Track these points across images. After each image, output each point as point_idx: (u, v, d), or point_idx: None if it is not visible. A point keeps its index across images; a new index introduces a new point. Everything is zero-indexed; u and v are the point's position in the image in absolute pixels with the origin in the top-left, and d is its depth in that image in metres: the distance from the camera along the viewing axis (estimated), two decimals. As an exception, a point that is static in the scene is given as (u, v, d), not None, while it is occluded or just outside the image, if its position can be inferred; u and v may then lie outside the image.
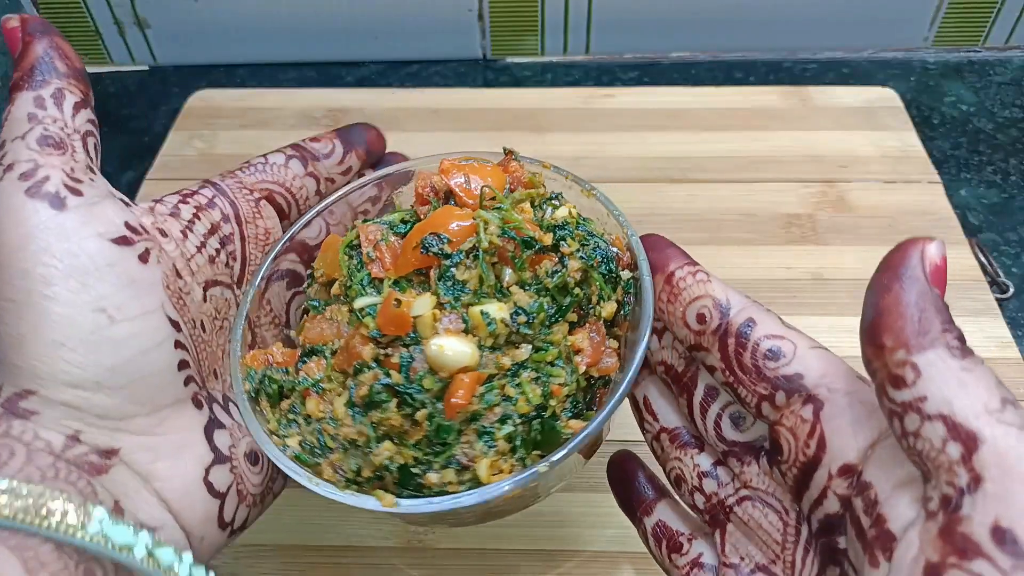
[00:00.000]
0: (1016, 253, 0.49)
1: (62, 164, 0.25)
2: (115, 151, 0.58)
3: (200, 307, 0.28)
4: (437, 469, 0.25)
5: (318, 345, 0.28)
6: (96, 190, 0.26)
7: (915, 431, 0.20)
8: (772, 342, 0.25)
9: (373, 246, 0.28)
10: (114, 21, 0.61)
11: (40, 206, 0.24)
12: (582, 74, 0.63)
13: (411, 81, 0.62)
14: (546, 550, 0.36)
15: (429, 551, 0.36)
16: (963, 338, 0.21)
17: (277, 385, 0.28)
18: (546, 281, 0.27)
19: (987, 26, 0.61)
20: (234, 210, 0.31)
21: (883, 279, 0.22)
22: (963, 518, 0.19)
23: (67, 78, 0.26)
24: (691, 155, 0.53)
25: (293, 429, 0.27)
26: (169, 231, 0.28)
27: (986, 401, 0.19)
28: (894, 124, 0.55)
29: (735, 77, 0.62)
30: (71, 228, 0.24)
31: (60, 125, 0.26)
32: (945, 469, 0.20)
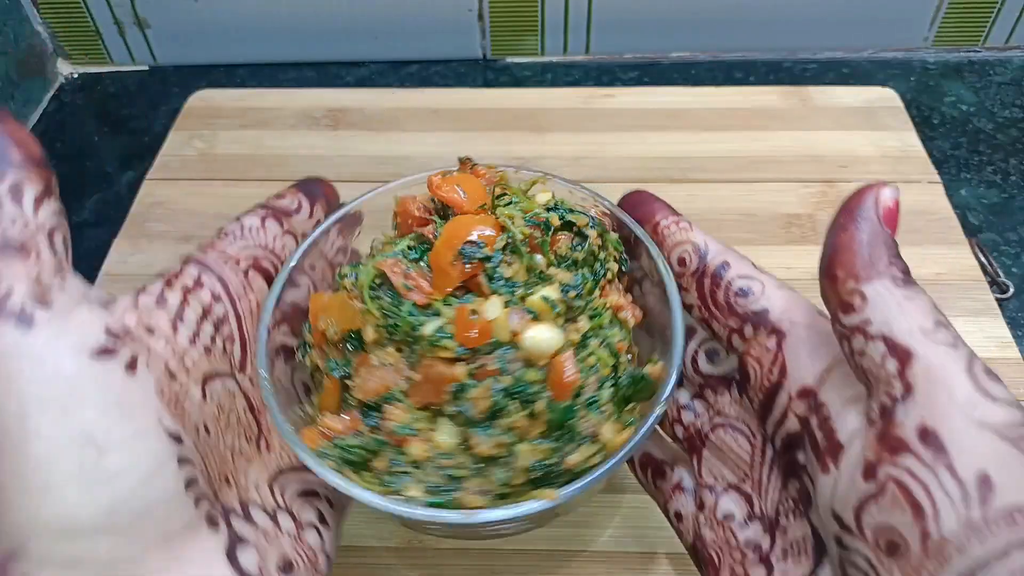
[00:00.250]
0: (1016, 253, 0.49)
1: (26, 272, 0.22)
2: (115, 151, 0.58)
3: (201, 408, 0.25)
4: (573, 450, 0.26)
5: (385, 395, 0.26)
6: (68, 295, 0.22)
7: (860, 350, 0.23)
8: (743, 281, 0.28)
9: (404, 276, 0.27)
10: (114, 21, 0.61)
11: (5, 328, 0.21)
12: (582, 74, 0.63)
13: (411, 81, 0.62)
14: (546, 550, 0.36)
15: (429, 551, 0.36)
16: (907, 271, 0.24)
17: (361, 450, 0.26)
18: (575, 255, 0.28)
19: (987, 26, 0.61)
20: (224, 287, 0.28)
21: (840, 219, 0.24)
22: (896, 423, 0.22)
23: (24, 168, 0.23)
24: (691, 155, 0.53)
25: (407, 481, 0.26)
26: (157, 326, 0.25)
27: (921, 323, 0.22)
28: (894, 124, 0.55)
29: (735, 77, 0.62)
30: (43, 348, 0.21)
31: (21, 224, 0.22)
32: (884, 382, 0.23)
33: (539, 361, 0.26)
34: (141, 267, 0.48)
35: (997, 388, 0.22)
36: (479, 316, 0.25)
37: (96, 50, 0.63)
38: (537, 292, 0.26)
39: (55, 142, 0.58)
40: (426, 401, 0.26)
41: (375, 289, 0.27)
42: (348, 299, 0.28)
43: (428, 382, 0.26)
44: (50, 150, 0.58)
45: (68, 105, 0.62)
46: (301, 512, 0.27)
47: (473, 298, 0.26)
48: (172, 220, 0.51)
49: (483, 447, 0.25)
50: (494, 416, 0.25)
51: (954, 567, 0.20)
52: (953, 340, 0.22)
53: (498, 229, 0.27)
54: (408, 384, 0.26)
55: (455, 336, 0.25)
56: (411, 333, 0.26)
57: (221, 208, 0.51)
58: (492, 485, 0.26)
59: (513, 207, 0.28)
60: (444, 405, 0.26)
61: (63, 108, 0.62)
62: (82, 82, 0.64)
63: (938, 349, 0.22)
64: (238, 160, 0.55)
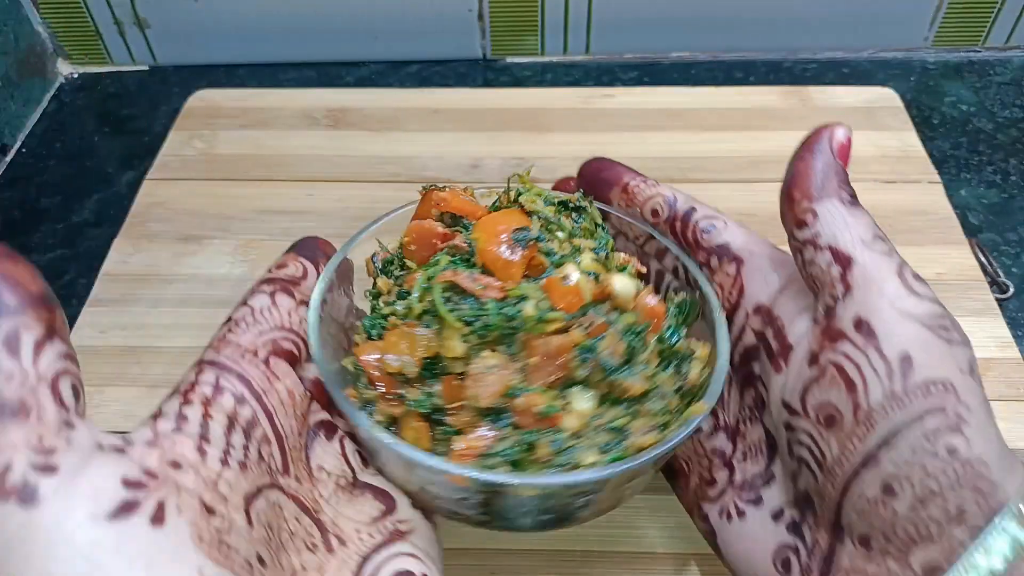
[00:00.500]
0: (1016, 253, 0.49)
1: (26, 438, 0.19)
2: (115, 151, 0.58)
3: (249, 538, 0.22)
4: (688, 370, 0.30)
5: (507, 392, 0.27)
6: (76, 453, 0.20)
7: (811, 260, 0.27)
8: (707, 221, 0.32)
9: (473, 280, 0.27)
10: (114, 21, 0.61)
11: (8, 510, 0.18)
12: (582, 74, 0.63)
13: (411, 81, 0.62)
14: (546, 550, 0.36)
15: (429, 551, 0.36)
16: (854, 195, 0.28)
17: (518, 449, 0.26)
18: (582, 225, 0.31)
19: (987, 26, 0.61)
20: (247, 386, 0.25)
21: (800, 151, 0.29)
22: (836, 317, 0.26)
23: (20, 313, 0.20)
24: (691, 155, 0.53)
25: (577, 452, 0.27)
26: (183, 456, 0.22)
27: (862, 235, 0.26)
28: (894, 124, 0.55)
29: (735, 77, 0.62)
30: (52, 525, 0.19)
31: (19, 381, 0.20)
32: (828, 286, 0.27)
33: (629, 304, 0.29)
34: (141, 267, 0.48)
35: (922, 287, 0.26)
36: (570, 281, 0.28)
37: (96, 50, 0.63)
38: (585, 256, 0.29)
39: (55, 142, 0.58)
40: (551, 378, 0.27)
41: (445, 303, 0.27)
42: (408, 330, 0.27)
43: (549, 358, 0.27)
44: (50, 150, 0.58)
45: (68, 105, 0.62)
46: None
47: (536, 280, 0.28)
48: (172, 220, 0.51)
49: (636, 386, 0.28)
50: (629, 359, 0.28)
51: (879, 431, 0.24)
52: (888, 250, 0.26)
53: (525, 216, 0.30)
54: (523, 374, 0.27)
55: (557, 306, 0.27)
56: (509, 325, 0.27)
57: (221, 208, 0.51)
58: (652, 419, 0.28)
59: (529, 194, 0.31)
60: (573, 373, 0.27)
61: (63, 108, 0.62)
62: (82, 82, 0.64)
63: (874, 255, 0.26)
64: (238, 160, 0.55)
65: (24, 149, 0.58)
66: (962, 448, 0.24)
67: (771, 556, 0.28)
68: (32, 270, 0.21)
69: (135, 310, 0.46)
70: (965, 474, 0.24)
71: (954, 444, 0.24)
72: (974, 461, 0.24)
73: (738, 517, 0.30)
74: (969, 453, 0.24)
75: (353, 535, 0.26)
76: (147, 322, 0.45)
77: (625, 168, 0.35)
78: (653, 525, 0.37)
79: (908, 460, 0.24)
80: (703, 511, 0.31)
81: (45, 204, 0.54)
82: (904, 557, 0.25)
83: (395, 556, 0.26)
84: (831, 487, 0.26)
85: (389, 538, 0.27)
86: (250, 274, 0.48)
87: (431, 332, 0.27)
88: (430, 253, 0.29)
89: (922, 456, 0.24)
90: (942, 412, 0.24)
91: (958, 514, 0.24)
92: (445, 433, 0.27)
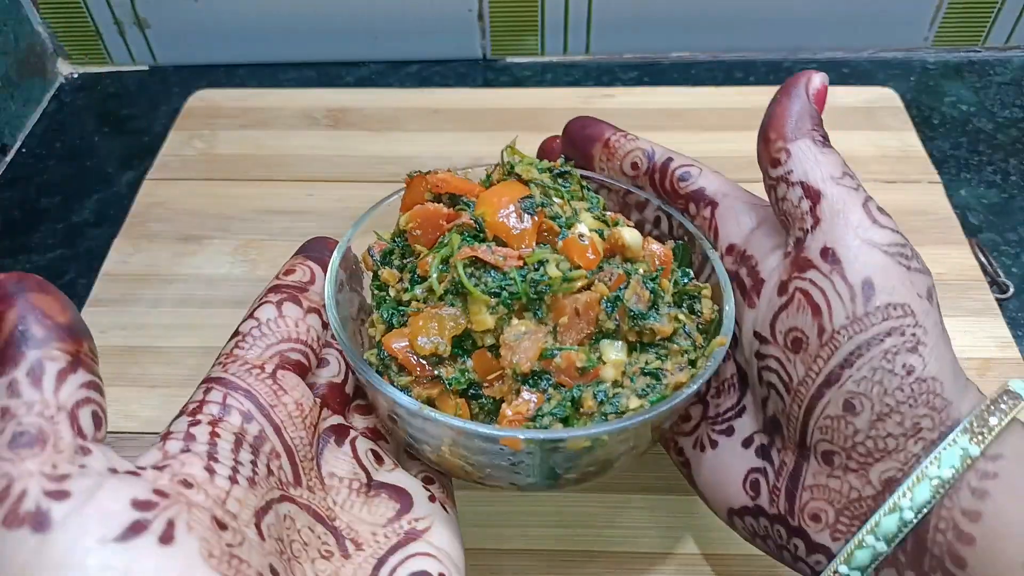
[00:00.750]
0: (1016, 253, 0.49)
1: (40, 466, 0.20)
2: (115, 151, 0.58)
3: (261, 552, 0.23)
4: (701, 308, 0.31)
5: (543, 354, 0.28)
6: (89, 478, 0.21)
7: (783, 196, 0.29)
8: (683, 169, 0.34)
9: (493, 253, 0.28)
10: (114, 21, 0.61)
11: (21, 536, 0.19)
12: (582, 74, 0.63)
13: (411, 81, 0.62)
14: (546, 550, 0.36)
15: (429, 551, 0.36)
16: (826, 136, 0.29)
17: (566, 406, 0.27)
18: (571, 189, 0.33)
19: (987, 26, 0.61)
20: (253, 402, 0.26)
21: (777, 96, 0.30)
22: (805, 247, 0.28)
23: (46, 344, 0.21)
24: (691, 155, 0.53)
25: (623, 399, 0.28)
26: (191, 476, 0.23)
27: (831, 172, 0.28)
28: (894, 124, 0.55)
29: (735, 77, 0.62)
30: (63, 551, 0.19)
31: (39, 410, 0.21)
32: (799, 219, 0.28)
33: (639, 254, 0.30)
34: (141, 267, 0.48)
35: (885, 219, 0.27)
36: (586, 239, 0.29)
37: (96, 50, 0.63)
38: (584, 216, 0.31)
39: (55, 142, 0.59)
40: (581, 335, 0.28)
41: (471, 276, 0.28)
42: (434, 311, 0.28)
43: (579, 315, 0.28)
44: (50, 150, 0.58)
45: (68, 105, 0.62)
46: None
47: (548, 245, 0.29)
48: (172, 220, 0.51)
49: (665, 328, 0.29)
50: (653, 304, 0.29)
51: (841, 351, 0.26)
52: (856, 185, 0.28)
53: (523, 186, 0.31)
54: (554, 335, 0.28)
55: (578, 264, 0.29)
56: (535, 290, 0.28)
57: (221, 208, 0.51)
58: (681, 357, 0.29)
59: (524, 164, 0.32)
60: (603, 326, 0.28)
61: (63, 108, 0.62)
62: (82, 82, 0.64)
63: (842, 189, 0.28)
64: (238, 160, 0.55)
65: (24, 149, 0.58)
66: (918, 367, 0.25)
67: (741, 480, 0.30)
68: (62, 301, 0.22)
69: (135, 310, 0.46)
70: (920, 391, 0.25)
71: (911, 363, 0.25)
72: (928, 380, 0.25)
73: (711, 448, 0.31)
74: (924, 372, 0.25)
75: (369, 538, 0.27)
76: (147, 322, 0.45)
77: (607, 124, 0.36)
78: (653, 525, 0.37)
79: (868, 378, 0.26)
80: (678, 444, 0.33)
81: (45, 204, 0.54)
82: (864, 471, 0.26)
83: (411, 557, 0.26)
84: (797, 407, 0.28)
85: (405, 539, 0.27)
86: (250, 274, 0.48)
87: (457, 310, 0.28)
88: (437, 235, 0.30)
89: (881, 374, 0.26)
90: (900, 333, 0.26)
91: (914, 429, 0.26)
92: (482, 407, 0.28)
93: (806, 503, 0.28)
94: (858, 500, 0.27)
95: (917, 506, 0.25)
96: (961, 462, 0.25)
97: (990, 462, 0.25)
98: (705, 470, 0.32)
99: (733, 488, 0.30)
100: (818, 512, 0.28)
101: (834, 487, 0.27)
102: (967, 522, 0.24)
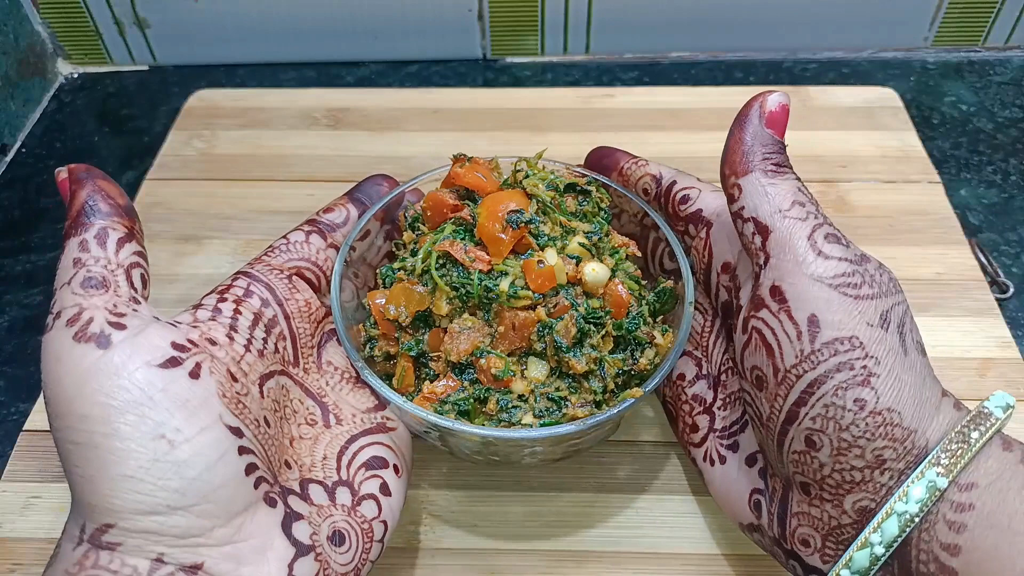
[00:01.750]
0: (1016, 253, 0.49)
1: (104, 303, 0.26)
2: (115, 151, 0.58)
3: (260, 404, 0.28)
4: (640, 355, 0.33)
5: (475, 352, 0.31)
6: (140, 319, 0.26)
7: (740, 231, 0.29)
8: (683, 191, 0.35)
9: (465, 252, 0.31)
10: (114, 21, 0.61)
11: (87, 349, 0.25)
12: (582, 74, 0.63)
13: (411, 81, 0.62)
14: (546, 550, 0.36)
15: (429, 551, 0.36)
16: (780, 163, 0.29)
17: (470, 400, 0.31)
18: (585, 208, 0.35)
19: (987, 26, 0.61)
20: (271, 292, 0.31)
21: (732, 126, 0.30)
22: (759, 285, 0.28)
23: (111, 216, 0.28)
24: (691, 155, 0.53)
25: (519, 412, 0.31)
26: (216, 337, 0.28)
27: (779, 205, 0.28)
28: (894, 124, 0.55)
29: (735, 77, 0.62)
30: (119, 363, 0.25)
31: (103, 264, 0.27)
32: (754, 255, 0.28)
33: (598, 291, 0.32)
34: (141, 267, 0.48)
35: (832, 247, 0.27)
36: (544, 264, 0.31)
37: (96, 50, 0.63)
38: (572, 241, 0.32)
39: (55, 142, 0.59)
40: (513, 347, 0.31)
41: (440, 269, 0.32)
42: (408, 286, 0.32)
43: (515, 330, 0.31)
44: (50, 150, 0.58)
45: (68, 105, 0.62)
46: (363, 485, 0.31)
47: (523, 258, 0.31)
48: (172, 220, 0.51)
49: (579, 366, 0.31)
50: (580, 341, 0.31)
51: (795, 390, 0.26)
52: (805, 214, 0.28)
53: (525, 197, 0.33)
54: (492, 339, 0.31)
55: (529, 286, 0.31)
56: (486, 296, 0.31)
57: (221, 208, 0.51)
58: (589, 395, 0.32)
59: (533, 178, 0.34)
60: (533, 345, 0.31)
61: (63, 108, 0.62)
62: (82, 82, 0.64)
63: (789, 222, 0.28)
64: (238, 160, 0.55)
65: (24, 149, 0.58)
66: (870, 400, 0.25)
67: (746, 499, 0.31)
68: (120, 190, 0.29)
69: (135, 310, 0.46)
70: (876, 424, 0.25)
71: (863, 397, 0.25)
72: (883, 411, 0.25)
73: (720, 462, 0.32)
74: (878, 404, 0.25)
75: (349, 417, 0.32)
76: (147, 322, 0.45)
77: (622, 153, 0.38)
78: (653, 525, 0.37)
79: (822, 415, 0.26)
80: (691, 455, 0.34)
81: (45, 204, 0.54)
82: (839, 501, 0.27)
83: (376, 443, 0.32)
84: (771, 440, 0.28)
85: (376, 428, 0.32)
86: (250, 274, 0.48)
87: (426, 290, 0.32)
88: (441, 220, 0.34)
89: (834, 411, 0.26)
90: (849, 367, 0.26)
91: (877, 462, 0.26)
92: (427, 375, 0.32)
93: (795, 528, 0.28)
94: (839, 528, 0.27)
95: (887, 541, 0.25)
96: (929, 494, 0.25)
97: (964, 492, 0.25)
98: (716, 484, 0.33)
99: (740, 505, 0.31)
100: (806, 537, 0.28)
101: (815, 515, 0.28)
102: (947, 556, 0.24)
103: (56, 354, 0.25)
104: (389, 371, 0.34)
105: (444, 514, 0.37)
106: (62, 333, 0.25)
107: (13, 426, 0.41)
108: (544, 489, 0.38)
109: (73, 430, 0.25)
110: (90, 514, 0.25)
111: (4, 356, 0.45)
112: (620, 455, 0.39)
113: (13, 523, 0.37)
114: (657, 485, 0.38)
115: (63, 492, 0.38)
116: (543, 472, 0.38)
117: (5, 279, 0.49)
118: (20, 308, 0.47)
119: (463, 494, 0.38)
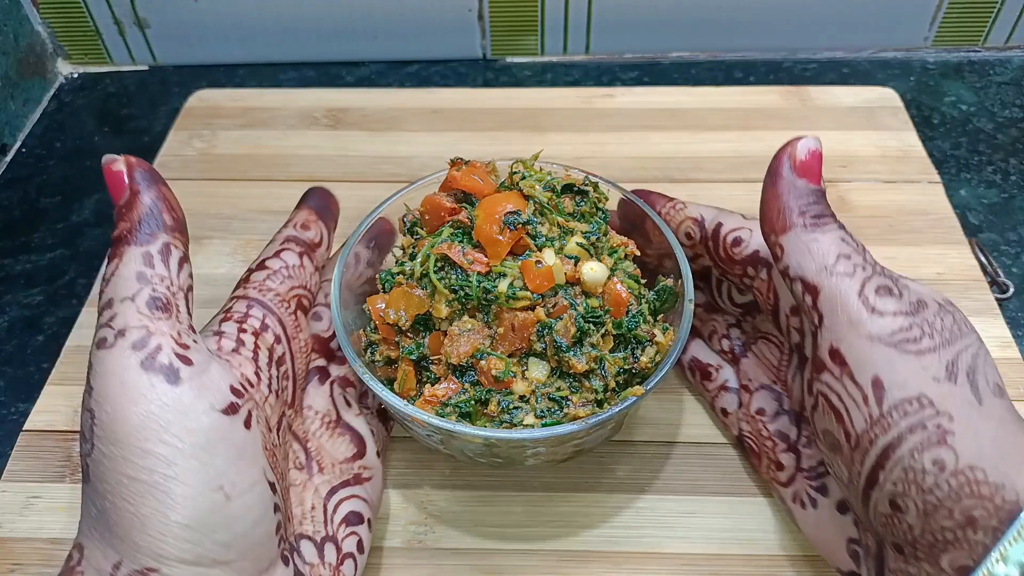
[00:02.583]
0: (1016, 253, 0.49)
1: (170, 330, 0.25)
2: (115, 151, 0.57)
3: (280, 453, 0.28)
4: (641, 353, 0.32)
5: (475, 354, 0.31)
6: (202, 355, 0.26)
7: (791, 289, 0.28)
8: (734, 233, 0.33)
9: (463, 255, 0.32)
10: (114, 21, 0.61)
11: (156, 380, 0.24)
12: (582, 74, 0.63)
13: (411, 81, 0.62)
14: (546, 550, 0.36)
15: (429, 551, 0.36)
16: (820, 214, 0.28)
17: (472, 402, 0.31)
18: (582, 209, 0.35)
19: (987, 26, 0.61)
20: (282, 328, 0.31)
21: (765, 181, 0.29)
22: (818, 346, 0.27)
23: (173, 232, 0.26)
24: (691, 155, 0.53)
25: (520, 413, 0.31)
26: (250, 377, 0.27)
27: (824, 261, 0.27)
28: (894, 124, 0.55)
29: (735, 77, 0.62)
30: (188, 404, 0.24)
31: (167, 284, 0.26)
32: (808, 314, 0.28)
33: (596, 290, 0.32)
34: (141, 267, 0.48)
35: (884, 302, 0.26)
36: (542, 265, 0.31)
37: (96, 50, 0.63)
38: (570, 241, 0.32)
39: (55, 142, 0.58)
40: (513, 348, 0.31)
41: (438, 272, 0.32)
42: (408, 290, 0.32)
43: (514, 331, 0.31)
44: (50, 150, 0.58)
45: (68, 105, 0.62)
46: (344, 542, 0.30)
47: (521, 259, 0.31)
48: (172, 220, 0.51)
49: (579, 366, 0.31)
50: (579, 340, 0.31)
51: (871, 455, 0.25)
52: (852, 269, 0.27)
53: (522, 199, 0.33)
54: (492, 340, 0.31)
55: (528, 286, 0.31)
56: (485, 297, 0.31)
57: (221, 208, 0.51)
58: (591, 395, 0.31)
59: (530, 179, 0.34)
60: (533, 345, 0.31)
61: (63, 108, 0.61)
62: (82, 82, 0.64)
63: (837, 279, 0.27)
64: (238, 160, 0.55)
65: (24, 149, 0.58)
66: (949, 461, 0.24)
67: (844, 547, 0.30)
68: (177, 200, 0.27)
69: (135, 310, 0.46)
70: (959, 484, 0.24)
71: (941, 457, 0.24)
72: (966, 470, 0.24)
73: (811, 506, 0.31)
74: (959, 464, 0.24)
75: (329, 467, 0.32)
76: (147, 322, 0.45)
77: (657, 196, 0.37)
78: (653, 525, 0.37)
79: (903, 479, 0.25)
80: (780, 493, 0.33)
81: (45, 204, 0.54)
82: (934, 560, 0.25)
83: (354, 497, 0.32)
84: (856, 502, 0.27)
85: (353, 479, 0.32)
86: (250, 274, 0.48)
87: (425, 294, 0.32)
88: (439, 224, 0.34)
89: (914, 474, 0.24)
90: (923, 427, 0.24)
91: (968, 521, 0.24)
92: (428, 378, 0.32)
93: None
94: None
95: None
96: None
97: None
98: (810, 528, 0.32)
99: (840, 554, 0.30)
100: None
101: (913, 573, 0.26)
102: None
103: (121, 378, 0.24)
104: (390, 375, 0.34)
105: (445, 514, 0.37)
106: (128, 357, 0.24)
107: (13, 426, 0.41)
108: (545, 489, 0.38)
109: (131, 463, 0.24)
110: (132, 554, 0.24)
111: (4, 356, 0.45)
112: (620, 455, 0.39)
113: (13, 523, 0.37)
114: (657, 485, 0.38)
115: (63, 492, 0.38)
116: (544, 472, 0.38)
117: (5, 279, 0.49)
118: (20, 308, 0.47)
119: (464, 494, 0.38)
